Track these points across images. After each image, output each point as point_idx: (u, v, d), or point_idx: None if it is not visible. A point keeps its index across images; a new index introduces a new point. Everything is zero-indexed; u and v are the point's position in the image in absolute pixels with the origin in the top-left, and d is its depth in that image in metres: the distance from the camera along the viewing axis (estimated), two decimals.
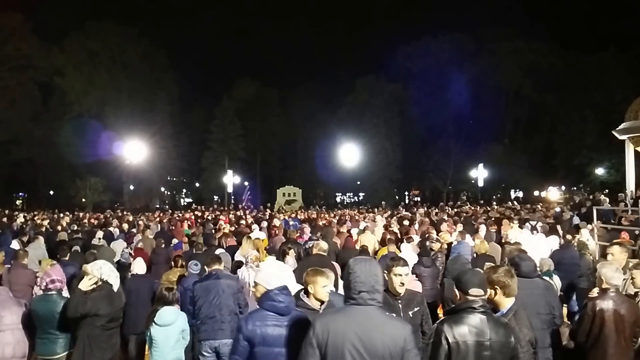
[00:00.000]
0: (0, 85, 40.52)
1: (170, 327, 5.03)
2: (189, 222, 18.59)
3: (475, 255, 8.26)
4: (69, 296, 4.91)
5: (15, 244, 10.42)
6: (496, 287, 3.43)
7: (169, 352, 5.01)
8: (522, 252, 5.57)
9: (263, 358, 3.04)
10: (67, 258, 7.82)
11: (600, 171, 42.99)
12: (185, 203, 57.51)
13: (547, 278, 5.89)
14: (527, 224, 13.56)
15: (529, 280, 4.27)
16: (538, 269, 6.63)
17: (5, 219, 19.78)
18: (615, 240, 6.76)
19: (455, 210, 24.66)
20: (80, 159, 41.37)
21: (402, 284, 3.97)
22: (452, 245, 9.49)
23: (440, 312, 7.13)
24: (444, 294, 7.26)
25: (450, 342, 2.80)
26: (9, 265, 7.18)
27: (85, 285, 4.50)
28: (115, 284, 4.69)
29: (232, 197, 46.12)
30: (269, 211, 28.43)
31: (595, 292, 4.36)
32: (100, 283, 4.56)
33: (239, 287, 5.68)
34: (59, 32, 42.30)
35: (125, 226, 15.75)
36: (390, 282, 4.00)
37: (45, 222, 17.72)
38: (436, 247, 8.78)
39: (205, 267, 5.74)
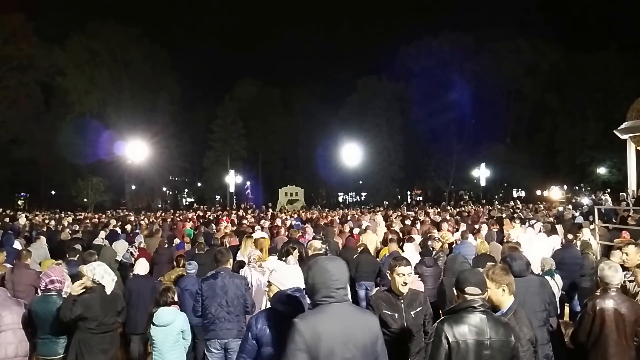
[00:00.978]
0: (1, 85, 40.58)
1: (168, 328, 4.98)
2: (191, 222, 18.64)
3: (476, 255, 8.24)
4: None
5: (17, 244, 10.43)
6: (503, 285, 3.43)
7: (167, 352, 4.96)
8: (514, 249, 5.55)
9: (270, 359, 3.01)
10: (75, 258, 7.80)
11: (602, 170, 42.97)
12: (187, 203, 57.55)
13: (548, 277, 5.90)
14: (526, 223, 13.57)
15: (523, 279, 4.28)
16: (540, 267, 6.66)
17: (7, 219, 19.80)
18: (626, 240, 6.66)
19: (458, 210, 24.66)
20: (81, 158, 41.41)
21: (405, 283, 3.95)
22: (455, 244, 9.48)
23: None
24: (446, 293, 7.24)
25: (451, 341, 2.79)
26: (12, 265, 7.19)
27: (75, 289, 4.42)
28: (110, 285, 4.58)
29: (234, 197, 46.12)
30: (271, 211, 28.48)
31: (599, 292, 4.35)
32: (91, 285, 4.47)
33: (246, 286, 5.65)
34: (60, 32, 42.51)
35: (128, 226, 15.76)
36: (393, 282, 3.99)
37: (52, 223, 17.75)
38: (437, 247, 8.77)
39: (216, 263, 5.63)
